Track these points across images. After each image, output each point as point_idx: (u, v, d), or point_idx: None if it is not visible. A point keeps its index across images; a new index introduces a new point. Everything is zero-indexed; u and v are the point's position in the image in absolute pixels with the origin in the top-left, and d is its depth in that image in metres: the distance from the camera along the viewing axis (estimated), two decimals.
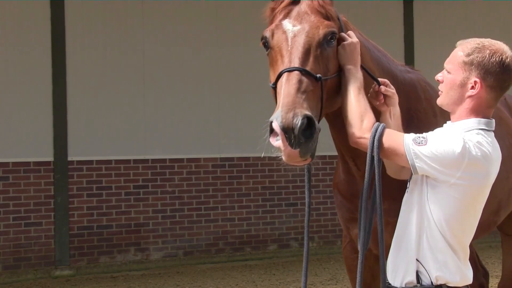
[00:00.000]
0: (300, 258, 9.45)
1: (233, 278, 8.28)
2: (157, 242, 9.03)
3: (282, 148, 2.53)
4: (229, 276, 8.43)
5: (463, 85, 2.57)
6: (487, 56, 2.54)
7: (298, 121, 2.45)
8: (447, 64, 2.62)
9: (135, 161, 8.99)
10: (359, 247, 2.62)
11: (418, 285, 2.57)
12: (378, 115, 2.87)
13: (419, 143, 2.48)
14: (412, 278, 2.59)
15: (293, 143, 2.49)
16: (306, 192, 2.89)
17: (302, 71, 2.61)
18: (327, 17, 2.78)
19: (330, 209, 9.74)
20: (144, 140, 9.05)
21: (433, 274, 2.55)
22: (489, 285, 5.13)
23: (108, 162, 8.87)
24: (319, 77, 2.64)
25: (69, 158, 8.66)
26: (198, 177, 9.21)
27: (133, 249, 8.93)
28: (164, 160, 9.09)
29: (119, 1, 9.03)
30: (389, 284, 2.68)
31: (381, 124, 2.60)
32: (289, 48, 2.70)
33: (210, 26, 9.32)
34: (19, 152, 8.47)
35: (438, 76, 2.66)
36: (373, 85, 2.87)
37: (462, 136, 2.48)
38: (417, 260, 2.57)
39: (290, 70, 2.62)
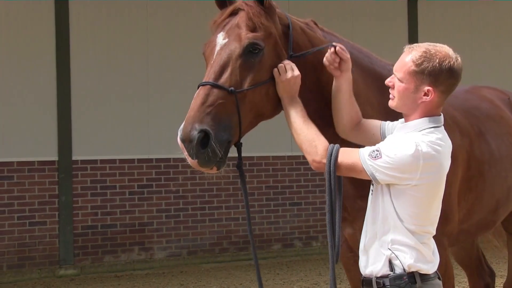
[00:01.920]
0: (304, 258, 9.46)
1: (237, 278, 8.28)
2: (161, 242, 9.04)
3: (186, 157, 2.76)
4: (233, 275, 8.43)
5: (415, 92, 2.66)
6: (437, 64, 2.61)
7: (194, 135, 2.66)
8: (398, 72, 2.68)
9: (139, 160, 9.00)
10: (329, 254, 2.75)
11: (391, 273, 2.63)
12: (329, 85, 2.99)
13: (374, 157, 2.58)
14: (385, 268, 2.65)
15: (191, 154, 2.70)
16: (244, 193, 3.01)
17: (213, 85, 2.76)
18: (254, 29, 2.85)
19: None
20: (148, 139, 9.06)
21: (406, 262, 2.63)
22: (495, 284, 5.13)
23: (112, 161, 8.88)
24: (231, 90, 2.75)
25: (73, 158, 8.68)
26: (202, 177, 9.20)
27: (137, 249, 8.94)
28: (168, 160, 9.09)
29: (123, 2, 9.04)
30: (364, 277, 2.76)
31: (335, 146, 2.69)
32: (212, 62, 2.86)
33: None
34: (23, 152, 8.48)
35: (388, 82, 2.75)
36: (329, 48, 2.95)
37: (414, 140, 2.58)
38: (389, 249, 2.65)
39: (203, 84, 2.80)
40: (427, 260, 2.65)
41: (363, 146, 2.77)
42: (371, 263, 2.70)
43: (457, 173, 3.35)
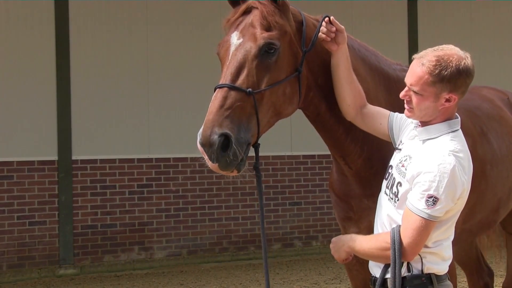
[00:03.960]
0: (304, 257, 9.46)
1: (237, 277, 8.28)
2: (161, 241, 9.04)
3: (206, 161, 2.73)
4: (233, 275, 8.43)
5: (436, 101, 2.61)
6: (455, 69, 2.57)
7: (214, 139, 2.63)
8: (414, 86, 2.62)
9: (139, 160, 9.00)
10: None
11: (409, 274, 2.63)
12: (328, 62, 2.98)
13: (432, 204, 2.52)
14: (403, 269, 2.64)
15: (212, 158, 2.66)
16: (259, 194, 3.00)
17: (230, 87, 2.72)
18: (269, 28, 2.82)
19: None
20: (148, 139, 9.06)
21: (425, 264, 2.64)
22: (494, 284, 5.13)
23: (112, 161, 8.88)
24: (249, 91, 2.72)
25: (73, 157, 8.68)
26: (202, 176, 9.21)
27: (137, 248, 8.94)
28: (168, 159, 9.10)
29: (123, 2, 9.04)
30: (375, 277, 2.75)
31: (395, 231, 2.61)
32: (227, 63, 2.81)
33: (214, 25, 9.30)
34: (23, 151, 8.48)
35: (404, 96, 2.69)
36: (324, 20, 2.95)
37: (448, 156, 2.52)
38: None
39: (220, 87, 2.75)
40: (444, 260, 2.67)
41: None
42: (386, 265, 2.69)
43: None
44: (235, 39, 2.86)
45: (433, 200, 2.51)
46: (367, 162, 3.16)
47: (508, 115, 4.18)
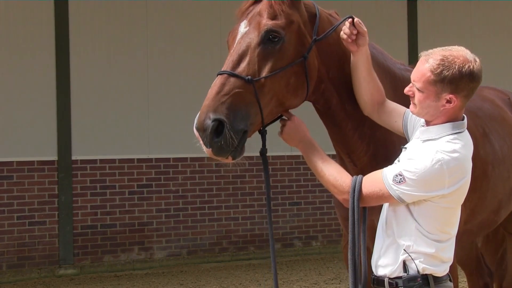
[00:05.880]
0: (304, 257, 9.46)
1: (237, 277, 8.28)
2: (160, 241, 9.04)
3: (202, 146, 2.76)
4: (232, 275, 8.43)
5: (437, 100, 2.61)
6: (457, 72, 2.55)
7: (207, 124, 2.67)
8: (416, 82, 2.63)
9: (139, 160, 9.00)
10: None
11: (405, 274, 2.62)
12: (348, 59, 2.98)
13: (398, 182, 2.55)
14: (399, 269, 2.64)
15: (205, 143, 2.71)
16: (265, 181, 3.03)
17: (230, 74, 2.75)
18: (275, 16, 2.82)
19: (333, 208, 9.70)
20: (147, 139, 9.06)
21: (421, 266, 2.62)
22: (494, 284, 5.13)
23: (112, 161, 8.88)
24: (248, 79, 2.73)
25: (73, 157, 8.68)
26: (201, 176, 9.21)
27: (136, 248, 8.94)
28: (167, 159, 9.10)
29: (123, 2, 9.04)
30: (374, 275, 2.75)
31: (358, 178, 2.66)
32: (232, 51, 2.84)
33: (214, 25, 9.32)
34: (23, 151, 8.48)
35: (408, 91, 2.70)
36: (347, 21, 2.93)
37: (437, 157, 2.52)
38: (406, 252, 2.63)
39: (221, 73, 2.78)
40: (442, 262, 2.65)
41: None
42: (385, 264, 2.69)
43: None
44: (242, 27, 2.87)
45: (400, 179, 2.54)
46: (372, 159, 3.15)
47: (509, 115, 4.17)
